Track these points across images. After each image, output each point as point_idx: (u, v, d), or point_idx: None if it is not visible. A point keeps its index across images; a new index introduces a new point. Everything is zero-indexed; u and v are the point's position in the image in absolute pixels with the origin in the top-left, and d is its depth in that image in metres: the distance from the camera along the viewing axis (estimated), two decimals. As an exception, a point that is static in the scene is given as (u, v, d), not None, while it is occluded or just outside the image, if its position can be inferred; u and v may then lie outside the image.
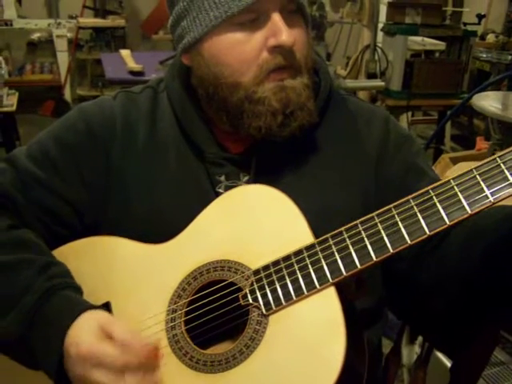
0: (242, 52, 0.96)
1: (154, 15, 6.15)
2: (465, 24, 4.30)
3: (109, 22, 5.98)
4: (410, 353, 2.20)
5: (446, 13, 4.00)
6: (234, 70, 0.97)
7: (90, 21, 6.01)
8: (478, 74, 4.86)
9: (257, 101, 0.97)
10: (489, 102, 2.46)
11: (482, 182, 0.79)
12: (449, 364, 1.68)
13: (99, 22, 6.00)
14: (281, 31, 0.94)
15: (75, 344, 0.86)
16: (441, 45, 4.04)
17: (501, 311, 0.96)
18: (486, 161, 0.80)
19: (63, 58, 5.83)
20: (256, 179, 1.02)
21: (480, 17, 4.82)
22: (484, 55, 4.80)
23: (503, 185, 0.77)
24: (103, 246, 1.03)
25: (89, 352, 0.84)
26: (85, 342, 0.85)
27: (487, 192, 0.78)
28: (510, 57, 4.56)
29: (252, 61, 0.96)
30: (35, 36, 6.13)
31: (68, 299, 0.92)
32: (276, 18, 0.95)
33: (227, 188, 1.02)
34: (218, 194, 1.02)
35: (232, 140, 1.06)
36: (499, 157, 0.78)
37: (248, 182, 1.03)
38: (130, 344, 0.84)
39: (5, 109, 3.83)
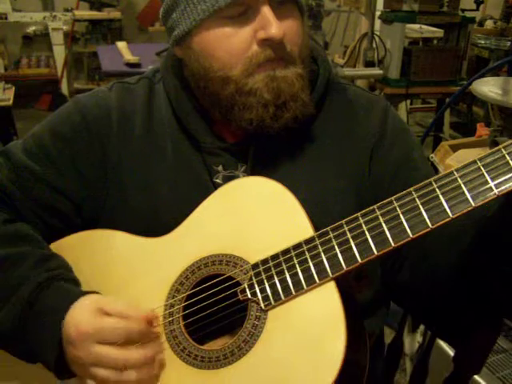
0: (230, 45, 0.95)
1: (150, 7, 6.12)
2: (463, 10, 4.26)
3: (105, 14, 5.96)
4: (412, 342, 2.21)
5: (443, 0, 3.97)
6: (223, 63, 0.96)
7: (85, 13, 5.98)
8: (477, 61, 4.84)
9: (248, 92, 0.96)
10: (489, 87, 2.44)
11: (486, 174, 0.76)
12: (452, 353, 1.67)
13: (95, 14, 5.97)
14: (270, 24, 0.92)
15: (74, 325, 0.86)
16: (439, 32, 4.01)
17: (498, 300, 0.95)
18: (490, 151, 0.77)
19: (59, 52, 5.81)
20: (253, 169, 1.02)
21: (478, 3, 4.78)
22: (482, 41, 4.77)
23: (508, 176, 0.75)
24: (101, 240, 1.02)
25: (89, 329, 0.85)
26: (83, 321, 0.86)
27: (491, 184, 0.76)
28: (508, 43, 4.53)
29: (241, 54, 0.95)
30: (31, 29, 6.12)
31: (64, 289, 0.92)
32: (265, 10, 0.93)
33: (225, 178, 1.02)
34: (215, 184, 1.01)
35: (228, 130, 1.05)
36: (504, 147, 0.76)
37: (245, 172, 1.02)
38: (127, 313, 0.86)
39: (1, 103, 3.82)
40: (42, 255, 0.97)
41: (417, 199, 0.80)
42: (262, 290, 0.87)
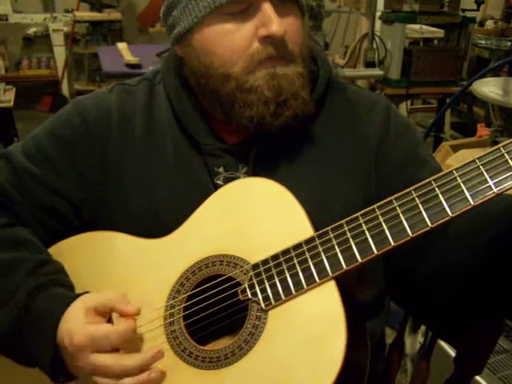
0: (231, 42, 0.95)
1: (151, 7, 6.11)
2: (463, 10, 4.26)
3: (105, 15, 5.96)
4: (413, 342, 2.20)
5: (444, 0, 3.97)
6: (224, 60, 0.96)
7: (86, 14, 5.98)
8: (478, 61, 4.84)
9: (248, 89, 0.96)
10: (489, 88, 2.44)
11: (485, 173, 0.77)
12: (453, 354, 1.67)
13: (95, 15, 5.97)
14: (271, 21, 0.92)
15: (68, 335, 0.86)
16: (439, 32, 4.02)
17: (503, 301, 0.95)
18: (489, 151, 0.78)
19: (60, 53, 5.82)
20: (255, 170, 1.01)
21: (479, 3, 4.78)
22: (483, 42, 4.76)
23: (507, 175, 0.76)
24: (101, 241, 1.02)
25: (81, 340, 0.85)
26: (76, 330, 0.86)
27: (490, 183, 0.76)
28: (509, 43, 4.52)
29: (242, 51, 0.95)
30: (31, 31, 6.12)
31: (60, 293, 0.92)
32: (266, 7, 0.93)
33: (226, 179, 1.01)
34: (216, 186, 1.01)
35: (229, 131, 1.04)
36: (503, 146, 0.77)
37: (247, 173, 1.02)
38: (112, 305, 0.87)
39: (2, 104, 3.83)
40: (40, 260, 0.97)
41: (416, 198, 0.81)
42: (263, 290, 0.87)
